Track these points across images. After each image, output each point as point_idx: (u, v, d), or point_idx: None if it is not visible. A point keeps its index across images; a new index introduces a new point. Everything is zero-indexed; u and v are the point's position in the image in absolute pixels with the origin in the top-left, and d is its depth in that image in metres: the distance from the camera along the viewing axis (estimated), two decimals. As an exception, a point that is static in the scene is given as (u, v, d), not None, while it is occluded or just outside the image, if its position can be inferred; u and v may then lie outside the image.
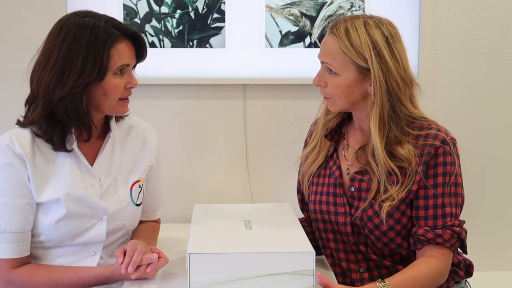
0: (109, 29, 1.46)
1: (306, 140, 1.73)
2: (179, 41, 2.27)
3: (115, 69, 1.47)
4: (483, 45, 2.32)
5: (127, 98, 1.55)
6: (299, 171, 1.71)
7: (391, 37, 1.47)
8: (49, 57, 1.46)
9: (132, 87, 1.53)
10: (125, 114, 1.60)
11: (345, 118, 1.63)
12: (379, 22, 1.48)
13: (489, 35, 2.31)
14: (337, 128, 1.62)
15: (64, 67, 1.44)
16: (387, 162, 1.46)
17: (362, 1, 2.27)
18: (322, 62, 1.51)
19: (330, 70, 1.49)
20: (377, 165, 1.48)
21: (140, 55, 1.54)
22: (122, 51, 1.48)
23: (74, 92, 1.43)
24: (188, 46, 2.27)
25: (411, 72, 1.50)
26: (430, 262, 1.44)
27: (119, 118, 1.64)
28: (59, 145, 1.50)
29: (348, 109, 1.55)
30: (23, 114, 1.53)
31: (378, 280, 1.36)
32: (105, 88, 1.47)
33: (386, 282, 1.35)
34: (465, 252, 1.54)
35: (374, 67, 1.44)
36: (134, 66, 1.58)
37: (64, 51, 1.44)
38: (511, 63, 2.34)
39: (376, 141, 1.46)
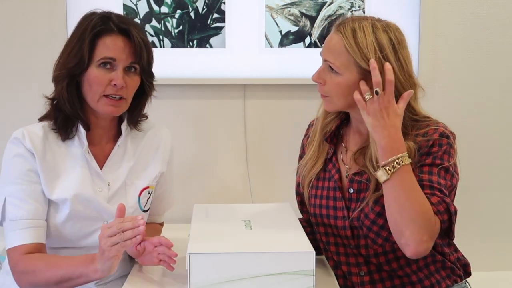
0: (101, 21, 1.47)
1: (302, 142, 1.72)
2: (179, 41, 2.27)
3: (97, 60, 1.47)
4: (483, 45, 2.32)
5: (117, 99, 1.48)
6: (297, 173, 1.70)
7: (397, 43, 1.45)
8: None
9: (115, 85, 1.46)
10: (112, 115, 1.53)
11: (343, 120, 1.63)
12: (387, 27, 1.46)
13: (489, 35, 2.31)
14: (336, 130, 1.61)
15: (61, 54, 1.51)
16: None
17: (362, 1, 2.27)
18: (324, 60, 1.49)
19: (332, 68, 1.47)
20: (375, 169, 1.46)
21: (140, 55, 1.48)
22: (109, 44, 1.46)
23: (59, 76, 1.48)
24: (188, 46, 2.27)
25: (415, 77, 1.48)
26: None
27: (136, 123, 1.61)
28: (63, 133, 1.52)
29: (345, 109, 1.53)
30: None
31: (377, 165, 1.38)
32: (88, 79, 1.48)
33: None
34: (451, 239, 1.49)
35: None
36: (146, 68, 1.52)
37: (66, 40, 1.52)
38: (511, 63, 2.34)
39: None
